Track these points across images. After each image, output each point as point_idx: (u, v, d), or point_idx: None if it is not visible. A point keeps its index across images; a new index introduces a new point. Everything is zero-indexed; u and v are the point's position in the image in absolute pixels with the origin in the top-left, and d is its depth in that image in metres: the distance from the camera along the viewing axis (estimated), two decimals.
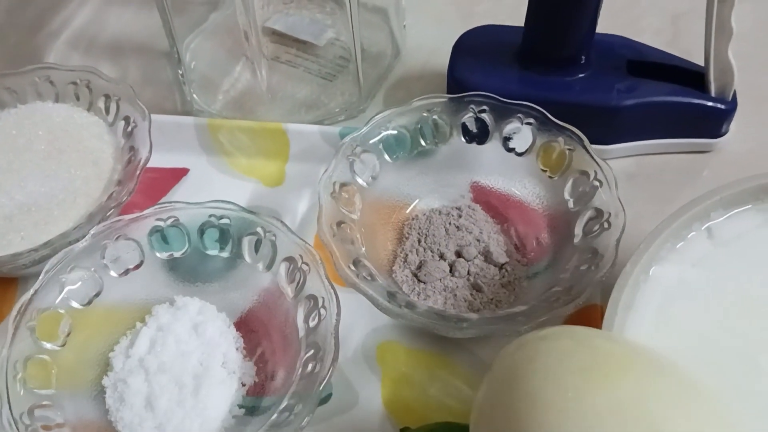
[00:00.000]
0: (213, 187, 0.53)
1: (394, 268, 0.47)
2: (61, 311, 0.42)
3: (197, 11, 0.62)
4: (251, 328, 0.45)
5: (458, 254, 0.47)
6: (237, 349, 0.44)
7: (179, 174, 0.54)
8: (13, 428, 0.36)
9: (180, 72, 0.55)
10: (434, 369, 0.44)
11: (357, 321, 0.45)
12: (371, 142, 0.48)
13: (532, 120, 0.47)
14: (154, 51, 0.63)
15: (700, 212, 0.38)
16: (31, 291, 0.41)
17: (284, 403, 0.38)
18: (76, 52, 0.63)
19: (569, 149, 0.46)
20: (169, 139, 0.53)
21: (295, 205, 0.52)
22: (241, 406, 0.42)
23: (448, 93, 0.51)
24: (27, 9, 0.67)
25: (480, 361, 0.44)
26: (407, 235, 0.48)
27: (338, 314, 0.39)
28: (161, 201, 0.45)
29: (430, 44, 0.62)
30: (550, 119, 0.47)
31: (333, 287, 0.40)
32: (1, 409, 0.37)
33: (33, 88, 0.52)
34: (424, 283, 0.46)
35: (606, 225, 0.43)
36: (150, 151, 0.47)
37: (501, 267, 0.46)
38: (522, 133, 0.48)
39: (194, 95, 0.58)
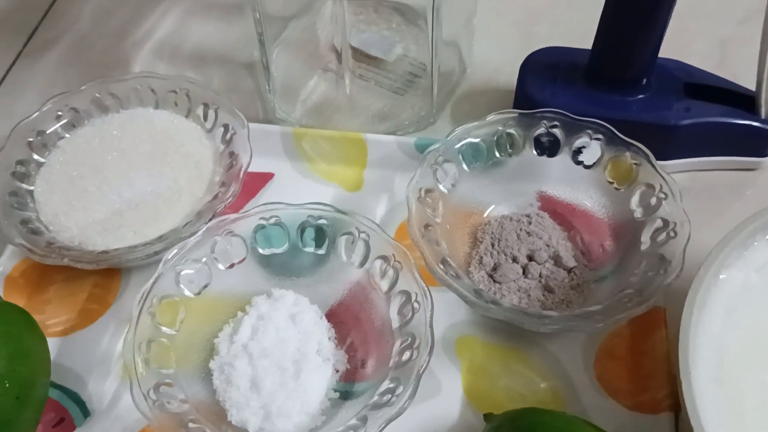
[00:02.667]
0: (296, 190, 0.57)
1: (470, 269, 0.51)
2: (177, 299, 0.46)
3: (274, 26, 0.66)
4: (341, 320, 0.49)
5: (530, 258, 0.51)
6: (329, 338, 0.48)
7: (266, 178, 0.58)
8: (143, 403, 0.40)
9: (268, 81, 0.59)
10: (509, 362, 0.48)
11: (436, 317, 0.49)
12: (452, 152, 0.52)
13: (600, 136, 0.51)
14: (235, 61, 0.67)
15: (763, 224, 0.42)
16: (152, 279, 0.45)
17: (384, 386, 0.42)
18: (160, 61, 0.68)
19: (636, 163, 0.50)
20: (256, 145, 0.56)
21: (374, 209, 0.56)
22: (335, 390, 0.46)
23: (514, 108, 0.55)
24: (111, 19, 0.72)
25: (551, 355, 0.48)
26: (481, 239, 0.52)
27: (432, 308, 0.43)
28: (264, 202, 0.49)
29: (494, 62, 0.66)
30: (618, 135, 0.51)
31: (425, 284, 0.44)
32: (131, 386, 0.41)
33: (135, 95, 0.57)
34: (500, 283, 0.50)
35: (672, 234, 0.47)
36: (251, 157, 0.52)
37: (570, 271, 0.50)
38: (591, 147, 0.52)
39: (275, 104, 0.62)
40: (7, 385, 0.41)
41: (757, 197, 0.58)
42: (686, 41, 0.68)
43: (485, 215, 0.54)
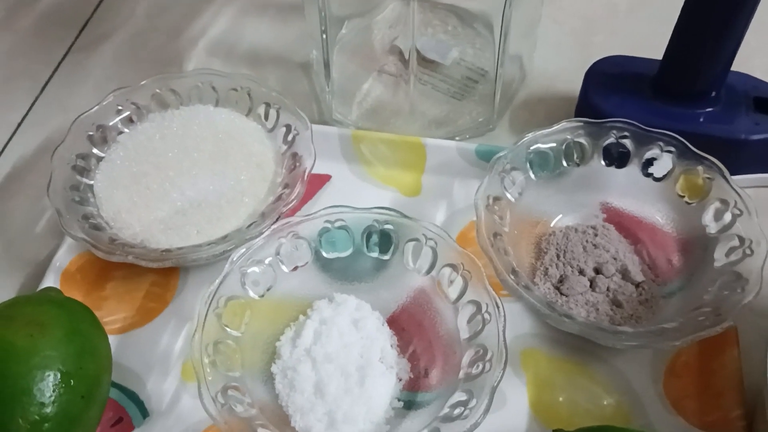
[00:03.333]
0: (354, 193, 0.56)
1: (535, 280, 0.50)
2: (243, 300, 0.45)
3: (334, 27, 0.65)
4: (402, 327, 0.48)
5: (596, 271, 0.50)
6: (391, 345, 0.47)
7: (323, 180, 0.57)
8: (212, 407, 0.40)
9: (327, 82, 0.59)
10: (574, 376, 0.47)
11: None
12: (520, 160, 0.51)
13: (672, 148, 0.50)
14: (290, 61, 0.67)
15: None
16: (219, 279, 0.44)
17: (455, 398, 0.41)
18: (215, 59, 0.67)
19: (709, 178, 0.49)
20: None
21: (433, 215, 0.55)
22: (399, 399, 0.45)
23: (576, 117, 0.54)
24: (165, 15, 0.71)
25: (617, 370, 0.47)
26: (545, 250, 0.51)
27: (504, 320, 0.42)
28: (325, 205, 0.48)
29: (552, 70, 0.65)
30: (690, 148, 0.50)
31: (497, 295, 0.43)
32: (200, 390, 0.40)
33: (196, 92, 0.56)
34: (566, 296, 0.49)
35: (749, 251, 0.46)
36: (315, 159, 0.51)
37: (637, 285, 0.49)
38: (662, 159, 0.51)
39: (333, 105, 0.61)
40: (73, 383, 0.40)
41: None
42: (747, 55, 0.66)
43: (547, 226, 0.53)
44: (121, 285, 0.51)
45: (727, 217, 0.48)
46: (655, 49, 0.56)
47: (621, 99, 0.56)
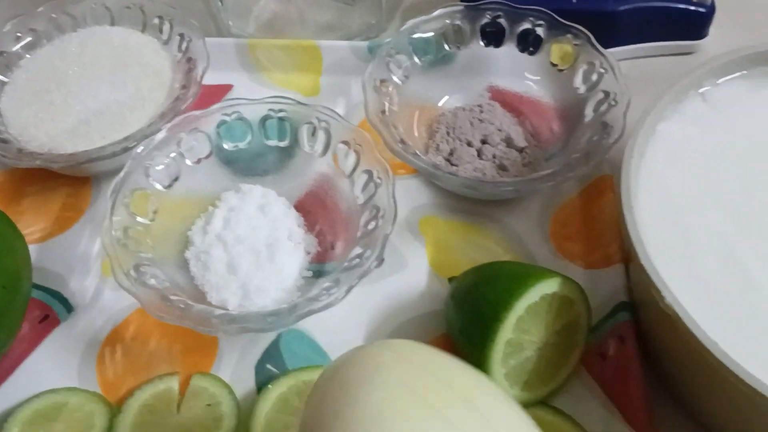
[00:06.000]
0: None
1: (428, 155, 0.53)
2: (149, 192, 0.48)
3: None
4: (308, 209, 0.51)
5: (483, 142, 0.53)
6: (299, 225, 0.50)
7: (224, 89, 0.59)
8: (125, 281, 0.42)
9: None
10: (469, 235, 0.51)
11: (399, 201, 0.51)
12: (403, 45, 0.54)
13: (542, 22, 0.54)
14: None
15: (694, 81, 0.46)
16: (123, 173, 0.47)
17: (354, 253, 0.45)
18: None
19: (577, 44, 0.53)
20: (213, 59, 0.57)
21: None
22: (309, 270, 0.48)
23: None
24: None
25: (508, 227, 0.51)
26: (437, 129, 0.55)
27: (393, 181, 0.46)
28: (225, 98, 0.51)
29: None
30: (558, 20, 0.54)
31: (386, 160, 0.47)
32: (112, 266, 0.43)
33: (91, 13, 0.58)
34: (456, 165, 0.52)
35: (613, 102, 0.50)
36: (208, 62, 0.53)
37: (521, 151, 0.53)
38: (534, 34, 0.55)
39: (229, 21, 0.63)
40: None
41: None
42: None
43: (439, 105, 0.56)
44: (36, 200, 0.53)
45: (594, 76, 0.52)
46: None
47: None
